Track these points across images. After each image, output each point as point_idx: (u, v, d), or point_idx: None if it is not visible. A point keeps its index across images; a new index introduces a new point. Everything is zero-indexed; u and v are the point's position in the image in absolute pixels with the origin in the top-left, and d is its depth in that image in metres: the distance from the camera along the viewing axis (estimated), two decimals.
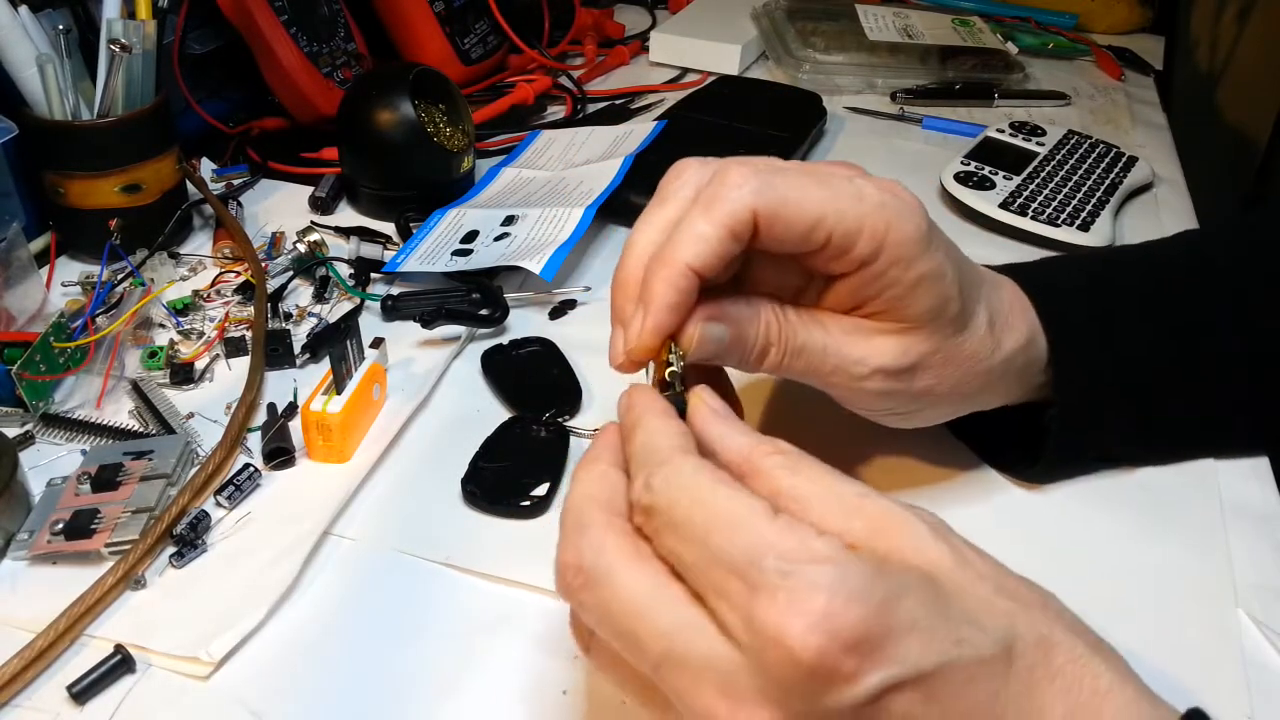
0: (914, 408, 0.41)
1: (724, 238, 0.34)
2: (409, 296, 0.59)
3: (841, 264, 0.36)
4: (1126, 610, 0.41)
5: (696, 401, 0.33)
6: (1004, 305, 0.42)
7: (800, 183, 0.35)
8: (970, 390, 0.41)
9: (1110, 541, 0.44)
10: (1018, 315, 0.42)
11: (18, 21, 0.57)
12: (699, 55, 1.00)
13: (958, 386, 0.41)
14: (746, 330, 0.37)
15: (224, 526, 0.44)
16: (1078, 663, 0.28)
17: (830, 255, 0.36)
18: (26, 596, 0.41)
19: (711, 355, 0.36)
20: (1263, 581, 0.42)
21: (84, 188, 0.60)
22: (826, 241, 0.35)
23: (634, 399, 0.33)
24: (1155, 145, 0.89)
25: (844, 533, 0.28)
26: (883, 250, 0.35)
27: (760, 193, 0.34)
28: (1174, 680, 0.38)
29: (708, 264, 0.33)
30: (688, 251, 0.33)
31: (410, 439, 0.50)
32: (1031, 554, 0.43)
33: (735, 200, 0.34)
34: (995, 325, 0.41)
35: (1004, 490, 0.47)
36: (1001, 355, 0.41)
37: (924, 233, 0.36)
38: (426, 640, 0.39)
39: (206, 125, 0.80)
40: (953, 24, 1.05)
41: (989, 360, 0.41)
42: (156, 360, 0.54)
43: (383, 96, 0.67)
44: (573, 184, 0.69)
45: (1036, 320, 0.43)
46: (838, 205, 0.35)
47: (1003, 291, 0.43)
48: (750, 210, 0.34)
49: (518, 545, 0.44)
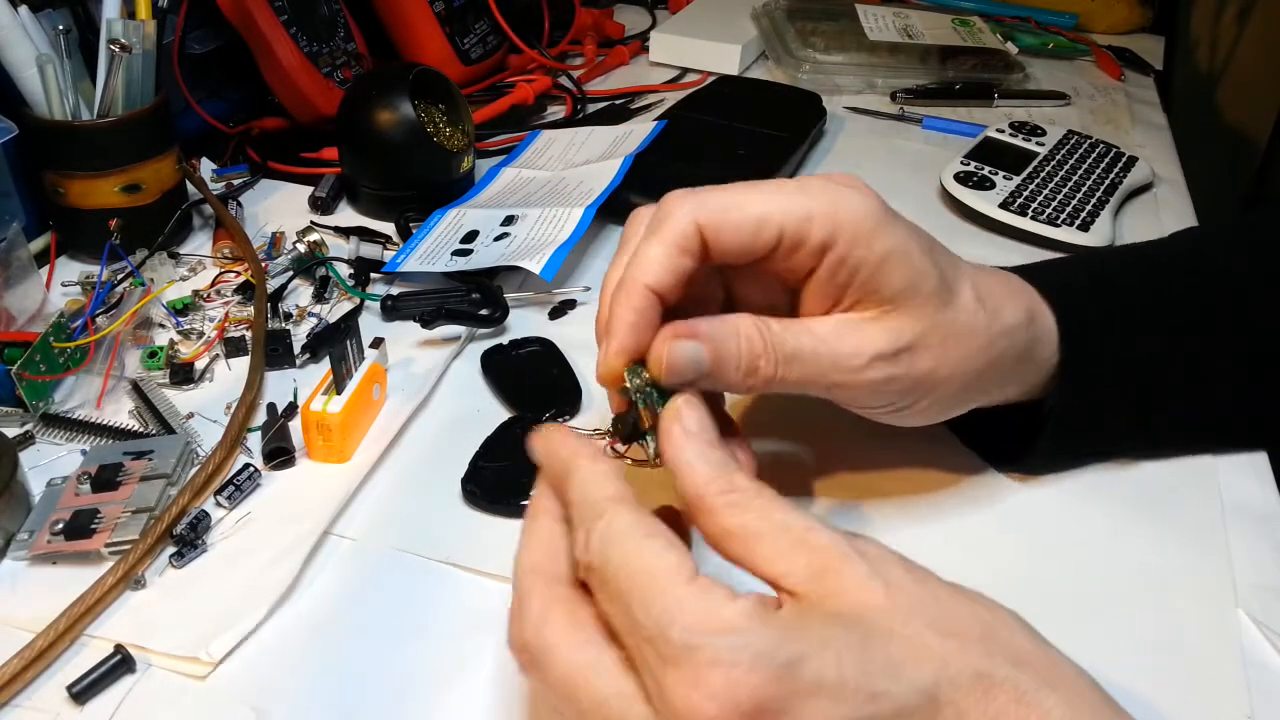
0: (918, 397, 0.40)
1: (673, 254, 0.36)
2: (409, 296, 0.59)
3: (804, 256, 0.37)
4: (1127, 610, 0.41)
5: (670, 419, 0.33)
6: (992, 282, 0.41)
7: (741, 190, 0.37)
8: (973, 372, 0.40)
9: (1110, 541, 0.44)
10: (1014, 293, 0.42)
11: (18, 21, 0.57)
12: (699, 55, 1.00)
13: (960, 367, 0.40)
14: (725, 346, 0.36)
15: (224, 526, 0.44)
16: (1021, 700, 0.27)
17: (790, 250, 0.36)
18: (26, 596, 0.41)
19: (692, 375, 0.36)
20: (1263, 581, 0.42)
21: (84, 188, 0.60)
22: (779, 238, 0.36)
23: (550, 444, 0.33)
24: (1155, 145, 0.89)
25: (785, 575, 0.29)
26: (838, 231, 0.36)
27: (700, 206, 0.36)
28: (1174, 680, 0.38)
29: (662, 280, 0.35)
30: (641, 272, 0.36)
31: (410, 439, 0.50)
32: (1033, 554, 0.44)
33: (678, 217, 0.36)
34: (985, 300, 0.40)
35: (1005, 492, 0.47)
36: (1001, 327, 0.40)
37: (877, 210, 0.37)
38: (427, 639, 0.39)
39: (206, 125, 0.80)
40: (953, 24, 1.05)
41: (988, 333, 0.40)
42: (156, 360, 0.54)
43: (383, 96, 0.67)
44: (573, 184, 0.69)
45: (1041, 303, 0.43)
46: (781, 202, 0.36)
47: (989, 273, 0.42)
48: (693, 223, 0.36)
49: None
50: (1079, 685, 0.28)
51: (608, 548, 0.29)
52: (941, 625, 0.28)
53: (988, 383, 0.42)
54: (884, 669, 0.27)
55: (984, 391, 0.42)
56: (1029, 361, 0.43)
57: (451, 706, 0.37)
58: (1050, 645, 0.29)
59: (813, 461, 0.48)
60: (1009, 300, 0.41)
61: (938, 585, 0.29)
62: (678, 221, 0.36)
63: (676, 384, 0.35)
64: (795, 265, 0.37)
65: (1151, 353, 0.45)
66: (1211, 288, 0.47)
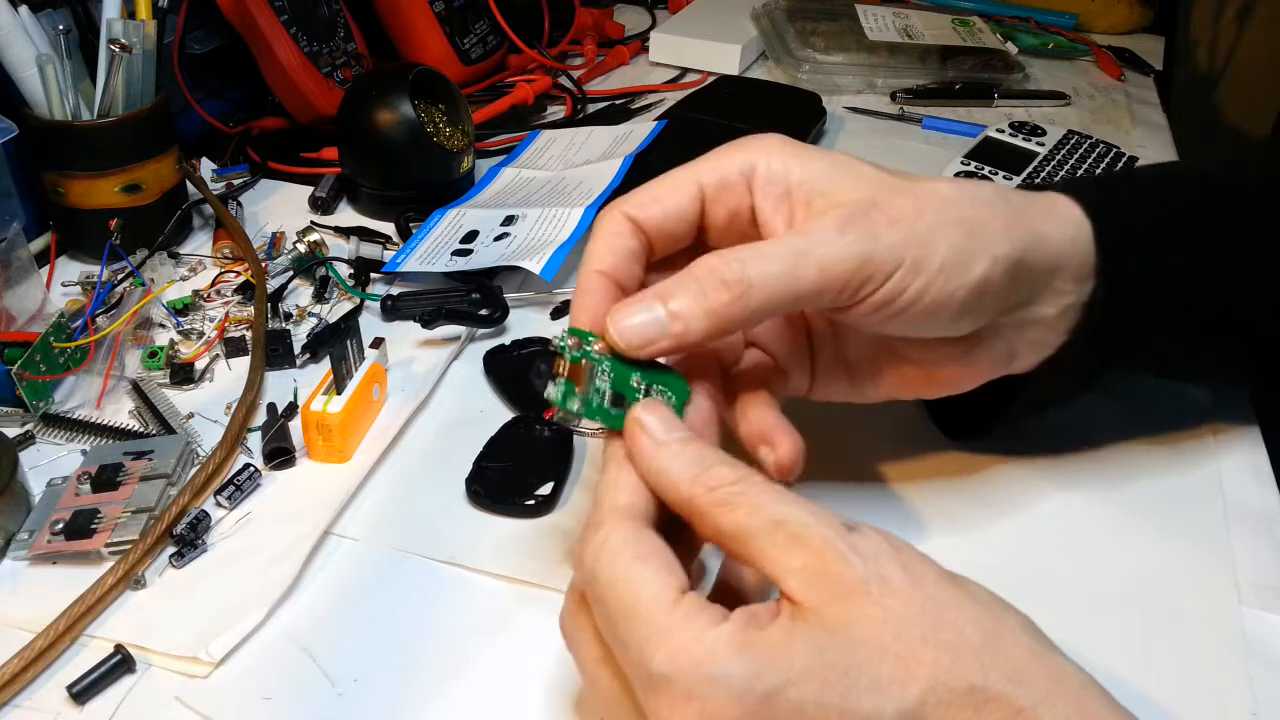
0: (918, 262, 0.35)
1: (610, 241, 0.37)
2: (409, 296, 0.59)
3: (735, 196, 0.38)
4: (1130, 609, 0.41)
5: (633, 430, 0.33)
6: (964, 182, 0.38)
7: (659, 177, 0.39)
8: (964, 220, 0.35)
9: (1114, 540, 0.44)
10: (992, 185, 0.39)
11: (18, 21, 0.57)
12: (699, 55, 1.00)
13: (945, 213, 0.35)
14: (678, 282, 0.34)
15: (224, 526, 0.44)
16: (1018, 717, 0.26)
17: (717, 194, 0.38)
18: (26, 596, 0.41)
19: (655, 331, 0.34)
20: (1266, 580, 0.42)
21: (84, 188, 0.60)
22: (700, 191, 0.38)
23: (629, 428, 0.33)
24: (1155, 145, 0.88)
25: (783, 576, 0.28)
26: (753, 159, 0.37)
27: (623, 200, 0.38)
28: (1178, 679, 0.38)
29: (603, 260, 0.37)
30: (585, 263, 0.38)
31: (411, 439, 0.50)
32: (1034, 554, 0.44)
33: (606, 216, 0.38)
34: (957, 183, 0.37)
35: (1009, 491, 0.47)
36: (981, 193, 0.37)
37: (789, 140, 0.38)
38: (428, 639, 0.39)
39: (206, 125, 0.80)
40: (952, 24, 1.05)
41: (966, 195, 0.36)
42: (156, 360, 0.54)
43: (383, 96, 0.67)
44: (573, 184, 0.69)
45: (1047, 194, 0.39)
46: (691, 166, 0.38)
47: None
48: (619, 214, 0.38)
49: (522, 544, 0.44)
50: (1083, 697, 0.27)
51: (598, 566, 0.30)
52: (937, 636, 0.27)
53: (998, 233, 0.36)
54: (869, 691, 0.26)
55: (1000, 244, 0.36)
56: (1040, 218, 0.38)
57: (454, 705, 0.37)
58: (1054, 652, 0.28)
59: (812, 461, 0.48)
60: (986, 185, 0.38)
61: (937, 586, 0.28)
62: (606, 216, 0.38)
63: (637, 346, 0.34)
64: (732, 209, 0.38)
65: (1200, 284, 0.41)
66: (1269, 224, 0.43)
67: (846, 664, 0.27)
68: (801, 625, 0.27)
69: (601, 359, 0.35)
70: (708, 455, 0.31)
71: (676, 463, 0.31)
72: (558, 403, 0.34)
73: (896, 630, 0.27)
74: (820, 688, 0.26)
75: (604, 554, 0.30)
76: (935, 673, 0.26)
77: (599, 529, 0.31)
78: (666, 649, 0.27)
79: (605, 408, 0.34)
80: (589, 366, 0.34)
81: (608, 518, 0.31)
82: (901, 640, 0.27)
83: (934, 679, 0.26)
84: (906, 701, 0.26)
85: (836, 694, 0.26)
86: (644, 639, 0.28)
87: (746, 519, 0.29)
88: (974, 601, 0.28)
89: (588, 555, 0.30)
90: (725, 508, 0.30)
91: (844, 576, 0.28)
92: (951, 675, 0.26)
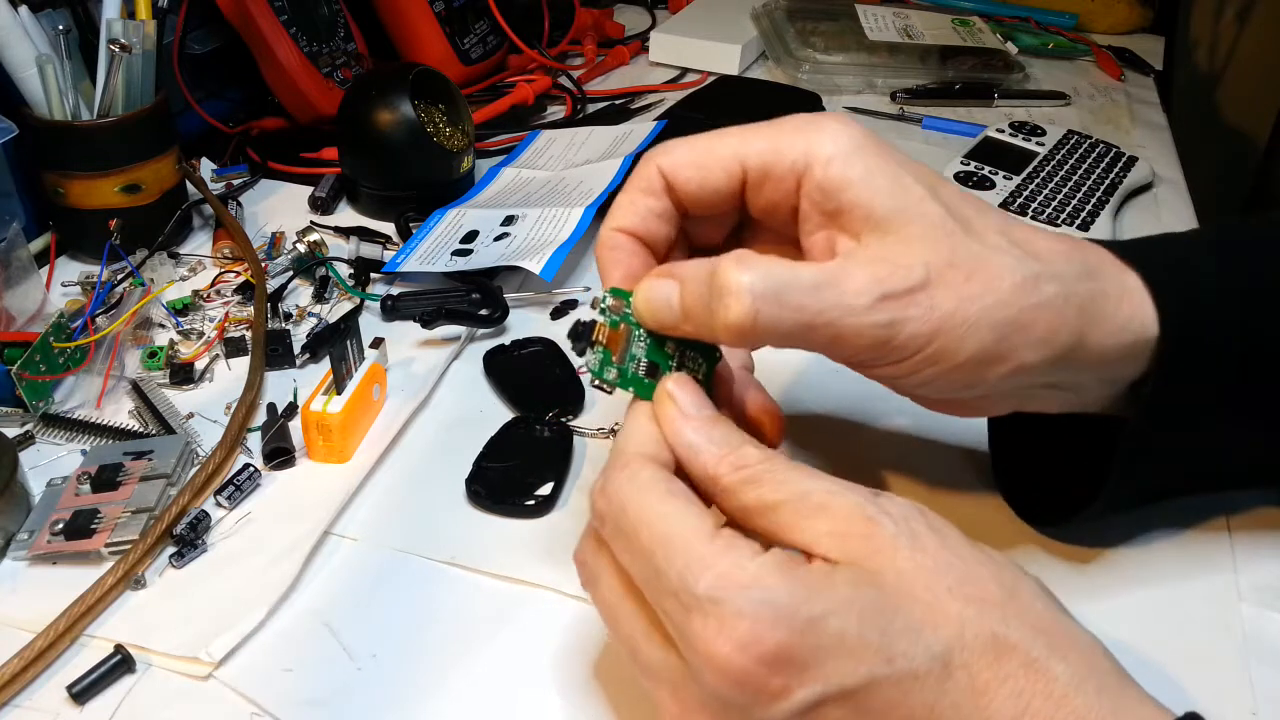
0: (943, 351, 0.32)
1: (635, 197, 0.36)
2: (409, 296, 0.59)
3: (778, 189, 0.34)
4: (1130, 608, 0.41)
5: (663, 401, 0.33)
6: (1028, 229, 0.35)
7: (707, 134, 0.36)
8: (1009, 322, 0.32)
9: (1113, 539, 0.44)
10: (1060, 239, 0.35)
11: (18, 21, 0.57)
12: (699, 55, 1.00)
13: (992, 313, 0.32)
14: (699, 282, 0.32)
15: (224, 526, 0.44)
16: (1032, 666, 0.27)
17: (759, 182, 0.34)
18: (26, 596, 0.41)
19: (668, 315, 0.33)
20: (1266, 579, 0.42)
21: (84, 188, 0.60)
22: (742, 170, 0.34)
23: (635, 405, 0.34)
24: (1155, 145, 0.88)
25: (813, 543, 0.29)
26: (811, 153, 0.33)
27: (663, 151, 0.36)
28: (1178, 678, 0.38)
29: (626, 219, 0.36)
30: (610, 218, 0.36)
31: (411, 439, 0.50)
32: (1036, 553, 0.44)
33: (642, 166, 0.36)
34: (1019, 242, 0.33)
35: None
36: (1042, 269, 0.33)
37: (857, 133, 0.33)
38: (428, 639, 0.39)
39: (206, 125, 0.80)
40: (952, 24, 1.05)
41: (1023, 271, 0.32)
42: (156, 360, 0.54)
43: (383, 96, 0.67)
44: (573, 184, 0.69)
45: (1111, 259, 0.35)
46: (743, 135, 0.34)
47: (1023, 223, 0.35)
48: (654, 167, 0.35)
49: (522, 544, 0.44)
50: (1091, 655, 0.29)
51: (628, 499, 0.30)
52: (963, 589, 0.28)
53: (1035, 341, 0.33)
54: (904, 632, 0.27)
55: (1032, 351, 0.33)
56: (1096, 322, 0.34)
57: (454, 705, 0.37)
58: (1067, 614, 0.30)
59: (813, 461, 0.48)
60: (1054, 244, 0.34)
61: (961, 544, 0.29)
62: (642, 166, 0.36)
63: (655, 327, 0.34)
64: (774, 201, 0.34)
65: None
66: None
67: (882, 605, 0.28)
68: (841, 568, 0.28)
69: (639, 324, 0.35)
70: (734, 436, 0.32)
71: (706, 438, 0.32)
72: (595, 372, 0.34)
73: (927, 582, 0.28)
74: (860, 622, 0.27)
75: (635, 488, 0.30)
76: (961, 621, 0.28)
77: (625, 466, 0.30)
78: (713, 573, 0.27)
79: (640, 377, 0.35)
80: (626, 332, 0.35)
81: (633, 459, 0.31)
82: (932, 591, 0.28)
83: (961, 628, 0.28)
84: (936, 646, 0.27)
85: (875, 630, 0.27)
86: (685, 566, 0.28)
87: (773, 493, 0.30)
88: (994, 562, 0.30)
89: (614, 488, 0.30)
90: (751, 484, 0.30)
91: (875, 535, 0.29)
92: (977, 624, 0.28)
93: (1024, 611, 0.28)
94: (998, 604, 0.28)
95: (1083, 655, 0.28)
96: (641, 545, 0.29)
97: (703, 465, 0.31)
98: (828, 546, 0.29)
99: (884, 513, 0.29)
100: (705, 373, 0.36)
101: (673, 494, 0.30)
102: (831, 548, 0.29)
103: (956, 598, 0.28)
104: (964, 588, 0.28)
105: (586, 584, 0.33)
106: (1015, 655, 0.27)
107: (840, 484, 0.30)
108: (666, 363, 0.35)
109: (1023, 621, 0.28)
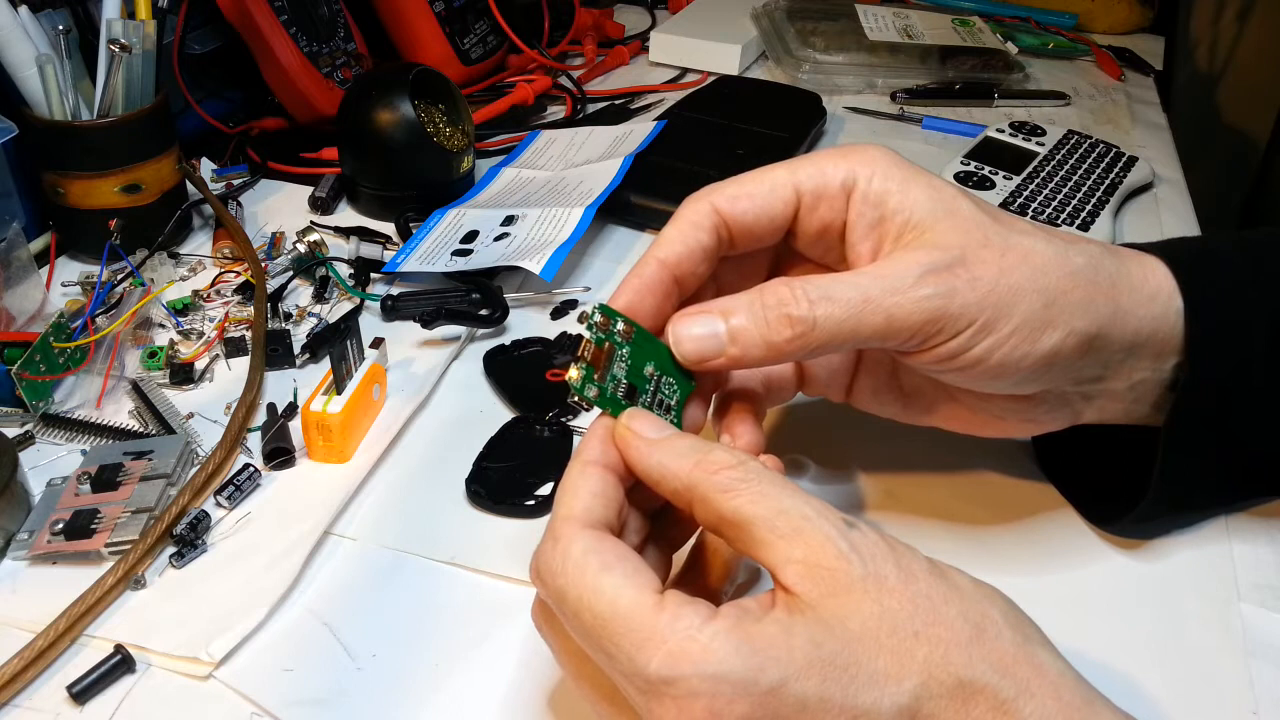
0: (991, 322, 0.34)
1: (685, 230, 0.36)
2: (409, 296, 0.59)
3: (830, 208, 0.37)
4: (1130, 608, 0.41)
5: (624, 436, 0.33)
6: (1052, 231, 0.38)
7: (753, 172, 0.37)
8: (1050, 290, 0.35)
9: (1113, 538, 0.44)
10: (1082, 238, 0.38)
11: (18, 21, 0.57)
12: (699, 55, 1.00)
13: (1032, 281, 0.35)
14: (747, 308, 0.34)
15: (224, 526, 0.44)
16: (1000, 709, 0.27)
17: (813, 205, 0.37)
18: (26, 596, 0.41)
19: (712, 347, 0.34)
20: (1265, 579, 0.42)
21: (84, 188, 0.60)
22: (797, 196, 0.37)
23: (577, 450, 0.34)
24: (1155, 145, 0.89)
25: (782, 566, 0.29)
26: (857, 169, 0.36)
27: (714, 190, 0.37)
28: (1178, 678, 0.38)
29: (673, 251, 0.36)
30: (655, 248, 0.36)
31: (411, 439, 0.50)
32: (1035, 553, 0.44)
33: (694, 201, 0.37)
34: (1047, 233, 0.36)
35: (1008, 492, 0.47)
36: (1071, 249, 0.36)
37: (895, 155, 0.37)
38: (428, 639, 0.39)
39: (206, 125, 0.80)
40: (953, 24, 1.05)
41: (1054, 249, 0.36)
42: (156, 360, 0.54)
43: (383, 96, 0.67)
44: (573, 184, 0.69)
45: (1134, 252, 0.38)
46: (791, 166, 0.37)
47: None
48: (708, 203, 0.36)
49: (523, 544, 0.43)
50: (1060, 687, 0.28)
51: (565, 582, 0.29)
52: (929, 631, 0.28)
53: (1077, 305, 0.35)
54: (868, 685, 0.27)
55: (1079, 317, 0.35)
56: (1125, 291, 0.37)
57: (454, 707, 0.37)
58: (1033, 642, 0.29)
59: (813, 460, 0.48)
60: (1075, 235, 0.38)
61: (929, 582, 0.29)
62: (693, 203, 0.37)
63: (697, 359, 0.35)
64: (826, 222, 0.37)
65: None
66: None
67: (845, 659, 0.27)
68: (799, 619, 0.28)
69: (623, 344, 0.35)
70: (702, 443, 0.32)
71: (673, 453, 0.31)
72: (576, 388, 0.34)
73: (892, 626, 0.28)
74: (822, 682, 0.27)
75: (568, 568, 0.29)
76: (928, 667, 0.27)
77: (557, 541, 0.30)
78: (662, 651, 0.27)
79: (618, 398, 0.35)
80: (610, 350, 0.35)
81: (563, 528, 0.30)
82: (896, 635, 0.28)
83: (926, 674, 0.27)
84: (902, 697, 0.27)
85: (838, 689, 0.27)
86: (634, 647, 0.27)
87: (750, 506, 0.29)
88: (960, 595, 0.29)
89: (547, 572, 0.30)
90: (729, 493, 0.30)
91: (842, 574, 0.28)
92: (942, 670, 0.27)
93: (990, 650, 0.28)
94: (964, 644, 0.28)
95: (1051, 688, 0.28)
96: (586, 628, 0.28)
97: (676, 478, 0.31)
98: (794, 576, 0.28)
99: (855, 550, 0.28)
100: (678, 400, 0.36)
101: (607, 566, 0.29)
102: (798, 579, 0.28)
103: (923, 641, 0.28)
104: (930, 629, 0.28)
105: (545, 640, 0.33)
106: (982, 698, 0.27)
107: (817, 507, 0.29)
108: (644, 385, 0.35)
109: (989, 662, 0.28)
